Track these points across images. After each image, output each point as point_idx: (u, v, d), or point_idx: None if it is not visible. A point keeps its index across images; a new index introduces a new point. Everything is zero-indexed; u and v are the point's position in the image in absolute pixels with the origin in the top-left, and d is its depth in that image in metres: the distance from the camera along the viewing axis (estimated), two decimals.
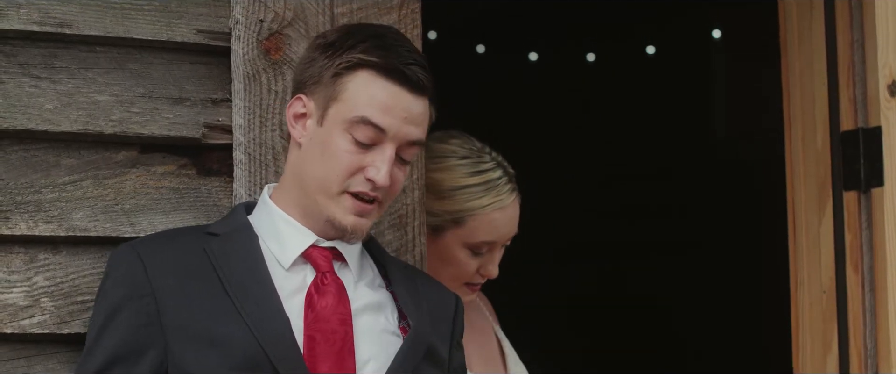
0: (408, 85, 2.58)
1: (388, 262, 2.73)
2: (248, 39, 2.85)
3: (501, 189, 3.11)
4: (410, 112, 2.59)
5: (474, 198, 3.08)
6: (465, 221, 3.08)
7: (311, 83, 2.62)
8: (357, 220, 2.60)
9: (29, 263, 2.73)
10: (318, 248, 2.64)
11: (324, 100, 2.60)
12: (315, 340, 2.55)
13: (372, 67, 2.57)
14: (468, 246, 3.10)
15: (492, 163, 3.12)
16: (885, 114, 3.48)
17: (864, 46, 3.57)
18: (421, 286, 2.72)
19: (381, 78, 2.58)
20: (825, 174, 3.63)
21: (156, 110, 2.83)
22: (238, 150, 2.84)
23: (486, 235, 3.10)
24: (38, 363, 2.73)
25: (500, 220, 3.11)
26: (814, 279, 3.66)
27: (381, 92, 2.57)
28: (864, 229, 3.56)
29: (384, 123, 2.57)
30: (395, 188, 2.63)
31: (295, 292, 2.60)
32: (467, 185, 3.08)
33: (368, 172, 2.57)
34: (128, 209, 2.80)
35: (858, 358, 3.55)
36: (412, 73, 2.58)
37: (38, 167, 2.76)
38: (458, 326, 2.76)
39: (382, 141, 2.58)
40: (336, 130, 2.58)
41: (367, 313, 2.63)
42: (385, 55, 2.58)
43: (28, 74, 2.75)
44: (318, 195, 2.60)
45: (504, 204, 3.11)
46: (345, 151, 2.57)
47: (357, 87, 2.58)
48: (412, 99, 2.59)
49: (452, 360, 2.71)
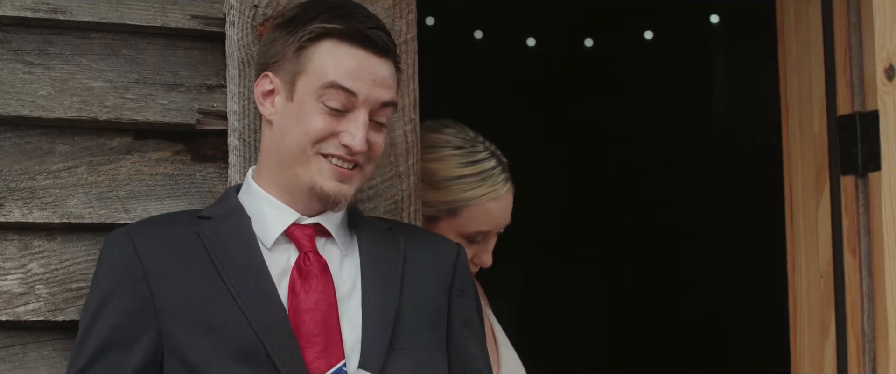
0: (373, 48, 2.59)
1: (364, 226, 2.71)
2: (242, 25, 2.84)
3: (496, 179, 3.11)
4: (378, 75, 2.60)
5: (469, 188, 3.09)
6: (460, 211, 3.09)
7: (274, 61, 2.62)
8: (338, 185, 2.60)
9: (23, 250, 2.73)
10: (299, 226, 2.63)
11: (290, 75, 2.60)
12: (300, 325, 2.55)
13: (335, 34, 2.58)
14: (463, 235, 3.10)
15: (486, 153, 3.13)
16: (882, 98, 3.48)
17: (861, 30, 3.56)
18: (405, 243, 2.69)
19: (345, 44, 2.59)
20: (822, 159, 3.63)
21: (150, 96, 2.82)
22: (233, 135, 2.83)
23: (480, 224, 3.10)
24: (33, 350, 2.72)
25: (494, 210, 3.11)
26: (811, 264, 3.66)
27: (347, 57, 2.58)
28: (861, 214, 3.55)
29: (354, 87, 2.57)
30: (374, 152, 2.62)
31: (281, 273, 2.59)
32: (462, 175, 3.09)
33: (343, 139, 2.57)
34: (122, 196, 2.80)
35: (856, 342, 3.55)
36: (376, 36, 2.59)
37: (33, 154, 2.76)
38: (458, 274, 2.73)
39: (354, 106, 2.58)
40: (308, 101, 2.58)
41: (354, 293, 2.62)
42: (346, 21, 2.59)
43: (22, 60, 2.75)
44: (295, 166, 2.59)
45: (498, 194, 3.12)
46: (319, 118, 2.57)
47: (322, 56, 2.58)
48: (378, 61, 2.60)
49: (453, 307, 2.69)
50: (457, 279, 2.72)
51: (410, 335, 2.59)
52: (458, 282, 2.72)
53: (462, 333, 2.70)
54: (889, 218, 3.46)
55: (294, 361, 2.51)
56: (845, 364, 3.57)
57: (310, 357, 2.53)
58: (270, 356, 2.50)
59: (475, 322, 2.75)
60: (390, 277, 2.64)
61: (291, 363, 2.51)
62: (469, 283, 2.76)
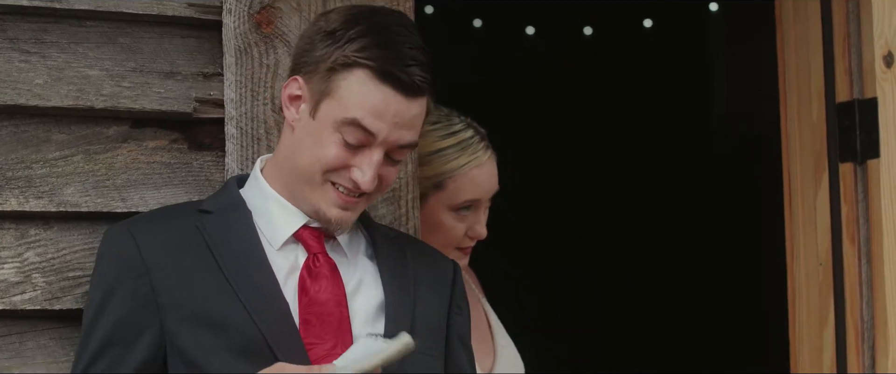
0: (403, 89, 2.52)
1: (376, 231, 2.71)
2: (239, 13, 2.83)
3: (476, 147, 3.14)
4: (403, 117, 2.53)
5: (451, 159, 3.12)
6: (446, 183, 3.11)
7: (307, 70, 2.57)
8: (341, 213, 2.58)
9: (20, 239, 2.72)
10: (309, 229, 2.62)
11: (317, 93, 2.55)
12: (310, 323, 2.54)
13: (368, 68, 2.52)
14: (452, 208, 3.13)
15: (462, 124, 3.16)
16: (880, 85, 3.48)
17: (859, 18, 3.55)
18: (411, 255, 2.70)
19: (375, 80, 2.51)
20: (821, 146, 3.62)
21: (147, 85, 2.82)
22: (230, 124, 2.83)
23: (467, 193, 3.13)
24: (30, 339, 2.72)
25: (479, 177, 3.14)
26: (810, 252, 3.65)
27: (375, 95, 2.51)
28: (860, 201, 3.55)
29: (374, 128, 2.52)
30: (384, 184, 2.60)
31: (288, 273, 2.58)
32: (441, 148, 3.11)
33: (353, 174, 2.55)
34: (119, 184, 2.79)
35: (855, 330, 3.54)
36: (408, 76, 2.51)
37: (29, 143, 2.75)
38: (456, 292, 2.74)
39: (371, 144, 2.54)
40: (326, 128, 2.54)
41: (361, 291, 2.62)
42: (382, 55, 2.51)
43: (18, 48, 2.74)
44: (303, 185, 2.58)
45: (481, 161, 3.14)
46: (333, 149, 2.54)
47: (350, 86, 2.52)
48: (407, 103, 2.53)
49: (452, 325, 2.70)
50: (455, 296, 2.74)
51: (422, 341, 2.58)
52: (456, 299, 2.74)
53: (459, 351, 2.72)
54: (888, 205, 3.46)
55: (297, 353, 2.50)
56: (844, 353, 3.57)
57: (321, 353, 2.52)
58: (273, 349, 2.49)
59: (469, 341, 2.76)
60: (405, 283, 2.64)
61: (294, 355, 2.50)
62: (465, 300, 2.78)
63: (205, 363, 2.49)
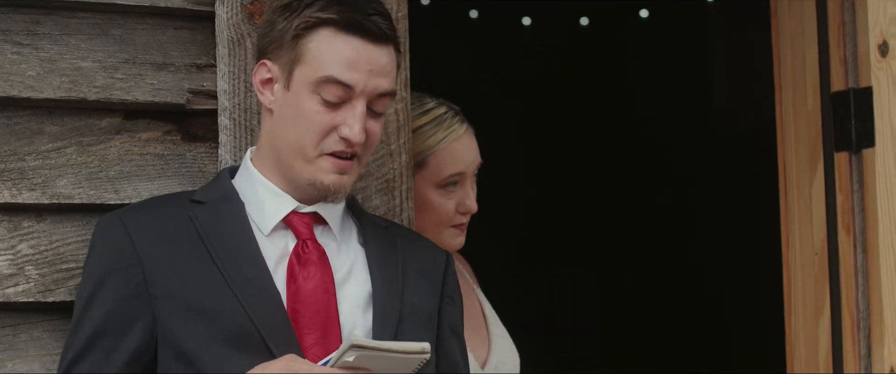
0: (370, 37, 2.56)
1: (365, 220, 2.71)
2: (232, 4, 2.83)
3: (451, 122, 3.16)
4: (376, 64, 2.56)
5: (429, 136, 3.14)
6: (427, 160, 3.13)
7: (272, 48, 2.59)
8: (338, 178, 2.58)
9: (13, 231, 2.72)
10: (298, 214, 2.62)
11: (288, 63, 2.57)
12: (299, 312, 2.54)
13: (331, 23, 2.55)
14: (438, 185, 3.14)
15: (434, 102, 3.18)
16: (875, 74, 3.47)
17: (854, 7, 3.55)
18: (401, 244, 2.70)
19: (341, 33, 2.55)
20: (816, 136, 3.62)
21: (140, 76, 2.81)
22: (223, 115, 2.82)
23: (450, 167, 3.14)
24: (23, 331, 2.72)
25: (459, 150, 3.16)
26: (805, 241, 3.65)
27: (344, 48, 2.55)
28: (855, 191, 3.55)
29: (351, 80, 2.54)
30: (372, 141, 2.60)
31: (277, 260, 2.58)
32: (418, 126, 3.13)
33: (342, 131, 2.55)
34: (112, 176, 2.79)
35: (851, 320, 3.54)
36: (373, 23, 2.56)
37: (21, 134, 2.75)
38: (448, 282, 2.74)
39: (351, 97, 2.56)
40: (304, 93, 2.56)
41: (350, 280, 2.62)
42: (342, 10, 2.55)
43: (10, 40, 2.74)
44: (296, 161, 2.58)
45: (458, 134, 3.16)
46: (315, 113, 2.55)
47: (319, 46, 2.55)
48: (376, 50, 2.57)
49: (443, 315, 2.70)
50: (447, 286, 2.73)
51: (411, 331, 2.59)
52: (448, 289, 2.74)
53: (450, 341, 2.71)
54: (883, 194, 3.46)
55: (289, 344, 2.50)
56: (840, 342, 3.57)
57: (308, 343, 2.52)
58: (265, 340, 2.49)
59: (460, 331, 2.76)
60: (394, 273, 2.64)
61: (286, 346, 2.50)
62: (458, 291, 2.78)
63: (197, 354, 2.49)
